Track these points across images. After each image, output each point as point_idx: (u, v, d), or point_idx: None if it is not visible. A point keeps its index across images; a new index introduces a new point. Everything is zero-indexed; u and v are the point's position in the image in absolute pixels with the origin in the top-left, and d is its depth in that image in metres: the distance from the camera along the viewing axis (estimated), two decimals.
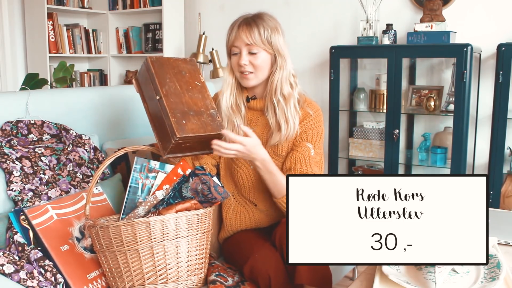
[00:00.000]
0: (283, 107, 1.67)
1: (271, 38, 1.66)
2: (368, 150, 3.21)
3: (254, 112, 1.77)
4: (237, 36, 1.67)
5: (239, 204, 1.79)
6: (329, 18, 3.50)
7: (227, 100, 1.73)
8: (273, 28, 1.68)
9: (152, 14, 4.30)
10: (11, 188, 1.64)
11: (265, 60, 1.68)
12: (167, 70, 1.57)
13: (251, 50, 1.66)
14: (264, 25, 1.66)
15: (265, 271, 1.54)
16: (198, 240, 1.51)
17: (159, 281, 1.45)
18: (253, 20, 1.67)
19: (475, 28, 3.02)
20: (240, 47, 1.67)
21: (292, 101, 1.69)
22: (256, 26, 1.65)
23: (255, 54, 1.66)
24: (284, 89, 1.68)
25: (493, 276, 1.22)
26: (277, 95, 1.68)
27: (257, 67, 1.67)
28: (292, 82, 1.71)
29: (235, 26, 1.69)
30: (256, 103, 1.76)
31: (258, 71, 1.68)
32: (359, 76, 3.41)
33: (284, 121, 1.67)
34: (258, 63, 1.67)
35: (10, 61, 4.13)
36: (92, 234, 1.51)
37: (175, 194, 1.52)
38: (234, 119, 1.73)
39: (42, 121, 1.85)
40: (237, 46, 1.67)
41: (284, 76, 1.69)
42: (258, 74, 1.69)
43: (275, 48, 1.67)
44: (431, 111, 2.98)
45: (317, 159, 1.71)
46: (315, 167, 1.69)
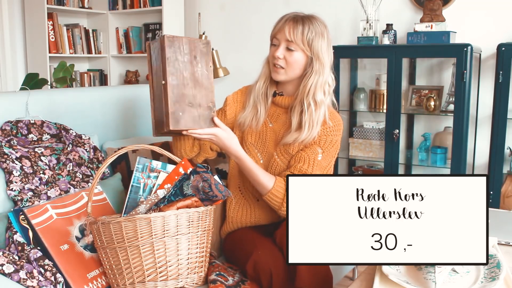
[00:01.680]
0: (312, 112, 1.66)
1: (313, 41, 1.65)
2: (368, 150, 3.21)
3: (278, 108, 1.78)
4: (280, 29, 1.68)
5: (244, 197, 1.80)
6: (329, 18, 3.48)
7: (260, 87, 1.76)
8: (318, 32, 1.67)
9: (152, 14, 4.30)
10: (10, 187, 1.64)
11: (300, 60, 1.68)
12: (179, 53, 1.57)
13: (289, 46, 1.66)
14: (310, 27, 1.65)
15: (267, 268, 1.55)
16: (198, 238, 1.52)
17: (159, 278, 1.46)
18: (302, 18, 1.67)
19: (475, 28, 3.02)
20: (280, 40, 1.68)
21: (323, 108, 1.68)
22: (302, 25, 1.65)
23: (292, 51, 1.67)
24: (317, 95, 1.67)
25: (493, 276, 1.22)
26: (308, 98, 1.67)
27: (289, 64, 1.68)
28: (326, 90, 1.70)
29: (283, 19, 1.70)
30: (282, 100, 1.76)
31: (289, 68, 1.69)
32: (359, 76, 3.41)
33: (308, 125, 1.67)
34: (292, 60, 1.67)
35: (10, 61, 4.13)
36: (93, 231, 1.52)
37: (176, 192, 1.53)
38: (259, 106, 1.75)
39: (42, 121, 1.85)
40: (278, 38, 1.69)
41: (319, 82, 1.67)
42: (288, 71, 1.70)
43: (314, 52, 1.66)
44: (431, 111, 2.98)
45: (323, 165, 1.70)
46: (317, 171, 1.68)
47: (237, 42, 3.87)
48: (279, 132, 1.75)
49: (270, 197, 1.63)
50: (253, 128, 1.76)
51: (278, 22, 1.70)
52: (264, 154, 1.75)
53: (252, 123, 1.76)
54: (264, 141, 1.76)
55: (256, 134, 1.76)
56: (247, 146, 1.76)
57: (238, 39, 3.87)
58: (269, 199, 1.64)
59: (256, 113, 1.75)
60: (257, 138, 1.76)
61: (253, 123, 1.75)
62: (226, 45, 3.93)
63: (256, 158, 1.75)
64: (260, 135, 1.76)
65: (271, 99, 1.77)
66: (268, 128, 1.76)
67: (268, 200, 1.65)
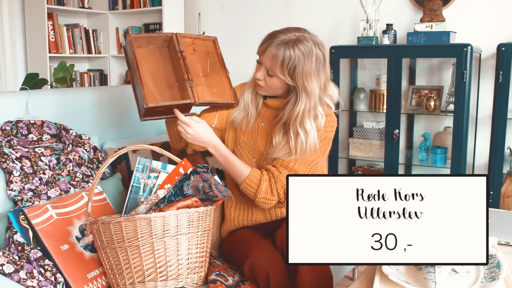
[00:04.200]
0: (302, 141, 1.60)
1: (295, 70, 1.55)
2: (368, 150, 3.21)
3: (269, 109, 1.77)
4: (263, 52, 1.60)
5: (241, 195, 1.81)
6: (329, 18, 3.50)
7: (248, 94, 1.76)
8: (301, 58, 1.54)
9: (152, 14, 4.30)
10: (10, 188, 1.64)
11: (278, 85, 1.63)
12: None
13: (269, 72, 1.61)
14: (292, 54, 1.54)
15: (264, 269, 1.55)
16: (198, 238, 1.52)
17: (159, 278, 1.46)
18: (286, 44, 1.54)
19: (475, 28, 3.02)
20: (263, 62, 1.62)
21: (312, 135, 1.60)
22: (283, 53, 1.54)
23: (272, 77, 1.62)
24: (305, 123, 1.59)
25: (493, 276, 1.22)
26: (295, 125, 1.60)
27: (269, 86, 1.66)
28: (318, 113, 1.61)
29: (268, 41, 1.59)
30: (273, 102, 1.74)
31: (270, 89, 1.67)
32: (359, 76, 3.41)
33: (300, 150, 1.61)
34: (271, 84, 1.64)
35: (10, 61, 4.13)
36: (94, 231, 1.52)
37: (176, 192, 1.53)
38: (250, 110, 1.75)
39: (42, 121, 1.85)
40: (261, 59, 1.63)
41: (306, 109, 1.59)
42: (269, 91, 1.69)
43: (297, 81, 1.57)
44: (431, 111, 2.98)
45: (308, 160, 1.68)
46: (301, 166, 1.65)
47: (237, 42, 3.86)
48: (270, 132, 1.75)
49: (245, 186, 1.65)
50: (244, 129, 1.77)
51: (264, 42, 1.60)
52: (256, 153, 1.76)
53: (243, 124, 1.75)
54: (256, 140, 1.76)
55: (249, 134, 1.77)
56: (240, 145, 1.77)
57: (238, 39, 3.87)
58: (245, 188, 1.65)
59: (247, 115, 1.76)
60: (249, 137, 1.77)
61: (243, 124, 1.75)
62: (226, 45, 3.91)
63: (248, 157, 1.75)
64: (252, 134, 1.77)
65: (261, 102, 1.77)
66: (260, 127, 1.77)
67: (244, 189, 1.66)
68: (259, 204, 1.66)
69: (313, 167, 1.71)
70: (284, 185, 1.63)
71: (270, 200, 1.65)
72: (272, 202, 1.65)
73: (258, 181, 1.63)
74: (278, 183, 1.63)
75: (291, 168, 1.65)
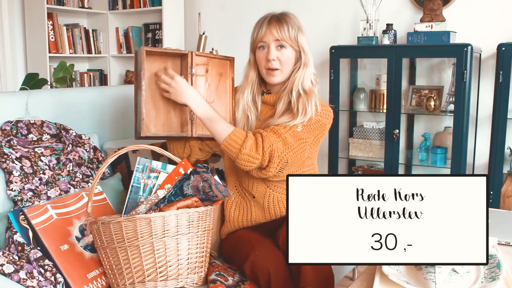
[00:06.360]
0: (305, 102, 1.70)
1: (297, 36, 1.73)
2: (368, 150, 3.21)
3: (265, 106, 1.82)
4: (267, 32, 1.72)
5: (240, 195, 1.81)
6: (329, 18, 3.50)
7: (248, 95, 1.80)
8: (298, 27, 1.75)
9: (152, 14, 4.30)
10: (10, 188, 1.64)
11: (291, 56, 1.74)
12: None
13: (280, 44, 1.72)
14: (291, 24, 1.73)
15: (265, 268, 1.55)
16: (198, 238, 1.52)
17: (159, 278, 1.46)
18: (282, 17, 1.74)
19: (475, 28, 3.02)
20: (269, 43, 1.73)
21: (313, 98, 1.73)
22: (286, 23, 1.72)
23: (283, 50, 1.72)
24: (305, 84, 1.74)
25: (493, 276, 1.22)
26: (297, 88, 1.73)
27: (283, 63, 1.73)
28: (313, 80, 1.77)
29: (264, 22, 1.74)
30: (269, 98, 1.81)
31: (284, 67, 1.74)
32: (359, 76, 3.41)
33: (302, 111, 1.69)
34: (285, 59, 1.73)
35: (10, 61, 4.13)
36: (94, 231, 1.52)
37: (176, 192, 1.53)
38: (250, 114, 1.79)
39: (41, 121, 1.85)
40: (265, 41, 1.73)
41: (307, 73, 1.75)
42: (284, 70, 1.75)
43: (301, 46, 1.75)
44: (431, 111, 2.98)
45: (299, 135, 1.68)
46: (290, 137, 1.65)
47: (237, 42, 3.86)
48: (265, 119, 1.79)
49: (229, 142, 1.61)
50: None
51: (260, 27, 1.75)
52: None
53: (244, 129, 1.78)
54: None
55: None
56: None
57: (238, 39, 3.87)
58: (228, 144, 1.62)
59: (247, 121, 1.79)
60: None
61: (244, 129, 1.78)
62: (226, 45, 3.92)
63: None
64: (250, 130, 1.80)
65: (260, 101, 1.81)
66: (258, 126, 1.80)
67: (227, 144, 1.62)
68: (240, 163, 1.62)
69: (301, 146, 1.69)
70: (271, 146, 1.60)
71: (253, 159, 1.60)
72: (254, 162, 1.61)
73: (244, 137, 1.62)
74: (266, 141, 1.61)
75: (280, 134, 1.64)
